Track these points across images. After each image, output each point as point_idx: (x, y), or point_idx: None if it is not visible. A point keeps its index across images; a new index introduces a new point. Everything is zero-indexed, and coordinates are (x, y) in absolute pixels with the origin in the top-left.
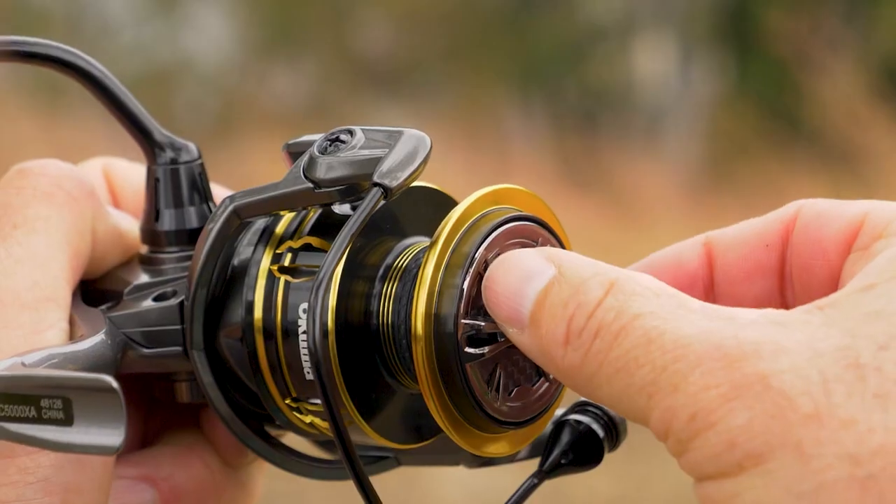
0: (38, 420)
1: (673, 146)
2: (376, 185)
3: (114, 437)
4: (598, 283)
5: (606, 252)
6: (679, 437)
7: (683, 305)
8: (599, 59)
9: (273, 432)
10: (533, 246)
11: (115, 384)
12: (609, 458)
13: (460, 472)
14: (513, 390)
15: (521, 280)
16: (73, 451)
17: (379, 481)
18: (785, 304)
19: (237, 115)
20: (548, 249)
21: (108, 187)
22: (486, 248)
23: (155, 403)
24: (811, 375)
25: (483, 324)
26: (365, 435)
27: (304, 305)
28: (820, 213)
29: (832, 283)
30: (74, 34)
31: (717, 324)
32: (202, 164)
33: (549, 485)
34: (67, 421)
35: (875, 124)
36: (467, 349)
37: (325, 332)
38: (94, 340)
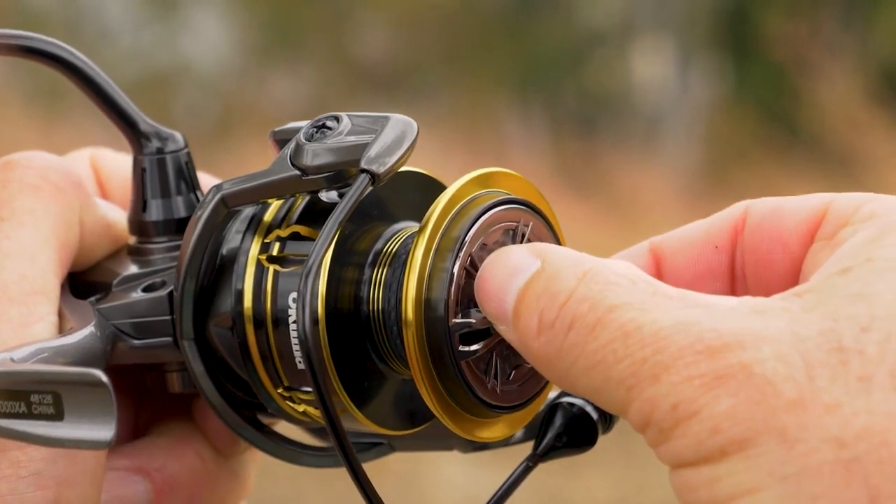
0: (29, 415)
1: (671, 151)
2: (364, 171)
3: (105, 430)
4: (572, 273)
5: (604, 256)
6: (661, 427)
7: (660, 292)
8: (598, 63)
9: (265, 420)
10: (523, 228)
11: (104, 378)
12: (607, 461)
13: (458, 474)
14: (510, 373)
15: (508, 276)
16: (64, 447)
17: (375, 483)
18: None
19: (236, 120)
20: (536, 244)
21: (95, 178)
22: (475, 232)
23: (146, 394)
24: (794, 361)
25: (474, 319)
26: (357, 422)
27: (294, 294)
28: (775, 207)
29: (793, 275)
30: (73, 39)
31: (696, 312)
32: (189, 154)
33: (547, 488)
34: (58, 416)
35: (873, 129)
36: (461, 347)
37: (315, 320)
38: (84, 333)
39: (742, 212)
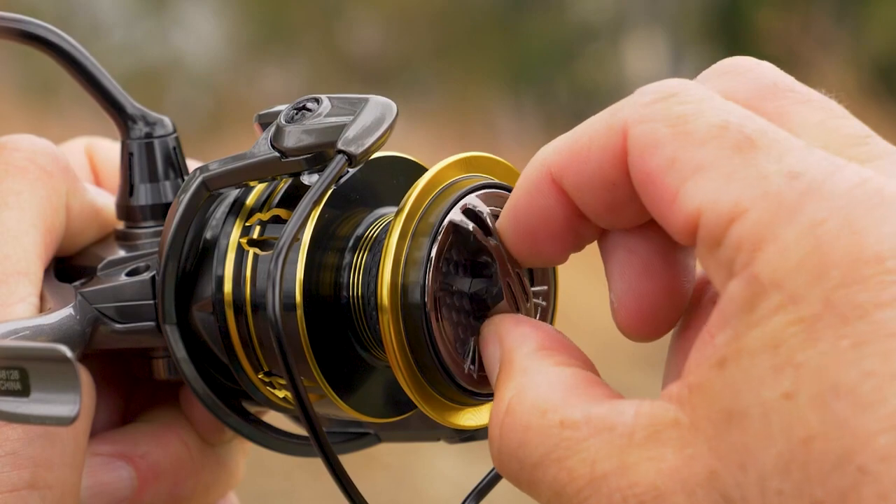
0: None
1: None
2: (341, 152)
3: (69, 407)
4: (496, 417)
5: (596, 255)
6: None
7: (567, 423)
8: (590, 58)
9: (252, 409)
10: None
11: (68, 353)
12: None
13: (450, 468)
14: None
15: (489, 369)
16: (30, 423)
17: (370, 482)
18: None
19: (228, 115)
20: (496, 324)
21: (90, 166)
22: (453, 217)
23: (136, 382)
24: None
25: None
26: (338, 409)
27: None
28: (645, 180)
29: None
30: (65, 32)
31: (602, 453)
32: (177, 138)
33: None
34: (24, 392)
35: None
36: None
37: (291, 304)
38: (62, 314)
39: (620, 144)
